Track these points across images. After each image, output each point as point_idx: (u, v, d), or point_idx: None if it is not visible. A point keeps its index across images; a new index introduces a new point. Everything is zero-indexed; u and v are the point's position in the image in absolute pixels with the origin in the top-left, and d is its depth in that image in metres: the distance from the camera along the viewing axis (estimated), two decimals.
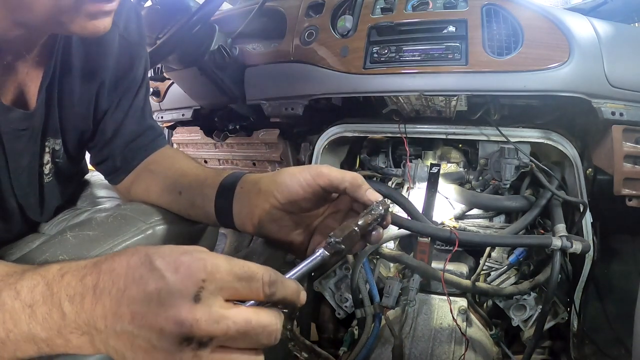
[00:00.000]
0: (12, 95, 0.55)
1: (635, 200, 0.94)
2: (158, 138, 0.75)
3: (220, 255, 0.36)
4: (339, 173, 0.51)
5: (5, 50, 0.52)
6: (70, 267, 0.36)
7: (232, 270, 0.35)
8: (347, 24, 1.05)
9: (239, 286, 0.35)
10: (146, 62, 0.73)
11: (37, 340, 0.35)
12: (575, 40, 0.90)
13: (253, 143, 1.35)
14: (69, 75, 0.61)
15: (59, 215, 0.72)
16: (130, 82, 0.70)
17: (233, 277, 0.35)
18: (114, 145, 0.71)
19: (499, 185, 1.10)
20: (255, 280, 0.36)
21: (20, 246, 0.64)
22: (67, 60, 0.60)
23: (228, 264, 0.35)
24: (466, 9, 0.98)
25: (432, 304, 1.12)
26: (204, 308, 0.33)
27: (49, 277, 0.36)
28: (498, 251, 1.16)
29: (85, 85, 0.64)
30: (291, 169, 0.54)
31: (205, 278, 0.33)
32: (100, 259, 0.36)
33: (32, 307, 0.35)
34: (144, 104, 0.74)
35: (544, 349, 1.11)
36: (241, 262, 0.36)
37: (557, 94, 0.91)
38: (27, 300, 0.35)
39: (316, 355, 1.16)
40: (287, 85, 1.13)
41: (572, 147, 1.03)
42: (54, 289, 0.35)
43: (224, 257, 0.35)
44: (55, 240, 0.63)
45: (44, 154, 0.64)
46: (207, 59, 1.05)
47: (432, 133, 1.15)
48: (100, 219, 0.63)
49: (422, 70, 0.97)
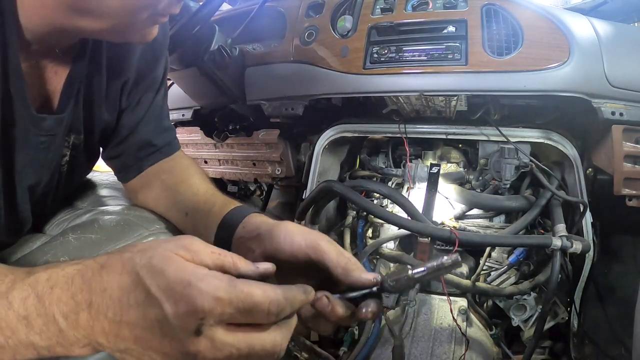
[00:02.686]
0: (39, 97, 0.54)
1: (635, 200, 0.94)
2: (173, 141, 0.74)
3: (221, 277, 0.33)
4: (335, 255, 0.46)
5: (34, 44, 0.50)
6: (58, 279, 0.35)
7: (233, 302, 0.33)
8: (347, 24, 1.05)
9: (240, 317, 0.34)
10: (166, 61, 0.72)
11: (37, 347, 0.35)
12: (575, 40, 0.90)
13: (253, 143, 1.35)
14: (98, 74, 0.60)
15: (59, 215, 0.72)
16: (152, 80, 0.69)
17: (234, 309, 0.33)
18: (129, 142, 0.70)
19: (499, 185, 1.10)
20: (258, 312, 0.34)
21: (21, 246, 0.63)
22: (97, 59, 0.59)
23: (228, 294, 0.33)
24: (466, 9, 0.98)
25: (432, 304, 1.12)
26: (205, 340, 0.33)
27: (38, 289, 0.35)
28: (498, 251, 1.16)
29: (111, 83, 0.63)
30: (292, 227, 0.50)
31: (205, 316, 0.32)
32: (86, 270, 0.35)
33: (28, 319, 0.35)
34: (162, 103, 0.73)
35: (544, 349, 1.11)
36: (244, 289, 0.33)
37: (557, 94, 0.91)
38: (21, 312, 0.35)
39: (316, 355, 1.16)
40: (287, 85, 1.13)
41: (572, 147, 1.03)
42: (46, 302, 0.35)
43: (225, 282, 0.33)
44: (57, 241, 0.63)
45: (63, 148, 0.63)
46: (207, 59, 1.05)
47: (432, 133, 1.15)
48: (102, 222, 0.63)
49: (422, 70, 0.97)
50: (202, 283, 0.32)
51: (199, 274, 0.33)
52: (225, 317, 0.33)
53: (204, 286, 0.32)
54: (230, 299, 0.33)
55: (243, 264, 0.38)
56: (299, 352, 1.19)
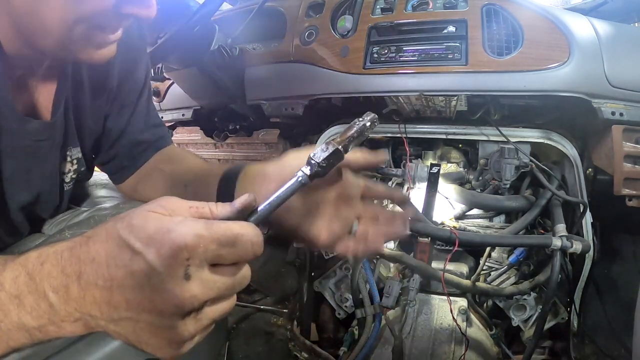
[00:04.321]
0: (25, 108, 0.56)
1: (635, 200, 0.94)
2: (164, 136, 0.76)
3: (198, 220, 0.34)
4: None
5: (17, 66, 0.53)
6: (48, 255, 0.36)
7: (214, 237, 0.33)
8: (347, 24, 1.05)
9: (224, 252, 0.34)
10: (147, 64, 0.75)
11: (28, 328, 0.35)
12: (575, 40, 0.90)
13: (253, 143, 1.35)
14: (80, 89, 0.63)
15: (58, 216, 0.72)
16: (133, 83, 0.71)
17: (217, 245, 0.34)
18: (120, 144, 0.72)
19: (499, 185, 1.10)
20: (241, 243, 0.35)
21: (19, 246, 0.64)
22: (78, 74, 0.62)
23: (208, 231, 0.33)
24: (466, 9, 0.98)
25: (432, 304, 1.13)
26: (196, 283, 0.33)
27: (29, 267, 0.36)
28: (498, 251, 1.16)
29: (95, 96, 0.65)
30: (296, 151, 0.52)
31: (189, 255, 0.32)
32: (74, 244, 0.36)
33: (19, 298, 0.35)
34: (147, 103, 0.75)
35: (544, 349, 1.11)
36: (222, 225, 0.34)
37: (557, 94, 0.91)
38: (13, 291, 0.35)
39: (316, 355, 1.16)
40: (287, 85, 1.13)
41: (572, 147, 1.04)
42: (37, 278, 0.35)
43: (202, 223, 0.34)
44: (54, 239, 0.63)
45: (65, 163, 0.65)
46: (207, 59, 1.05)
47: (432, 133, 1.15)
48: (98, 218, 0.63)
49: (422, 70, 0.97)
50: (181, 226, 0.33)
51: (175, 221, 0.34)
52: (209, 255, 0.33)
53: (182, 228, 0.33)
54: (211, 235, 0.33)
55: (220, 209, 0.38)
56: (299, 352, 1.19)
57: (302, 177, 0.41)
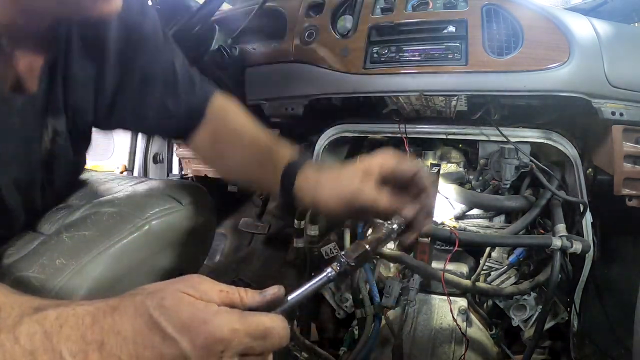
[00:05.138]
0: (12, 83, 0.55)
1: (635, 200, 0.94)
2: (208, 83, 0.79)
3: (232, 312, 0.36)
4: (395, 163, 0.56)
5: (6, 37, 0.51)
6: (68, 317, 0.36)
7: (248, 331, 0.35)
8: (347, 24, 1.05)
9: (255, 345, 0.36)
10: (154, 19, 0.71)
11: None
12: (575, 40, 0.90)
13: None
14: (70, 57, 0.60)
15: (53, 213, 0.71)
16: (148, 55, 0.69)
17: (250, 339, 0.36)
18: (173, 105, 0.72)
19: (499, 185, 1.10)
20: (272, 335, 0.37)
21: (18, 247, 0.63)
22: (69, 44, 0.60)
23: (243, 325, 0.35)
24: (466, 9, 0.98)
25: (432, 304, 1.12)
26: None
27: (46, 326, 0.35)
28: (498, 251, 1.16)
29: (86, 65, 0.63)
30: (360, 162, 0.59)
31: (224, 349, 0.34)
32: (97, 311, 0.36)
33: (34, 355, 0.34)
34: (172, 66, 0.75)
35: (544, 349, 1.11)
36: (254, 319, 0.36)
37: (557, 94, 0.91)
38: (27, 347, 0.35)
39: (316, 355, 1.16)
40: (287, 85, 1.13)
41: (572, 147, 1.03)
42: (54, 340, 0.35)
43: (237, 315, 0.36)
44: (51, 242, 0.63)
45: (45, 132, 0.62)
46: (207, 59, 1.05)
47: (432, 133, 1.15)
48: (95, 217, 0.63)
49: (422, 70, 0.97)
50: (217, 318, 0.35)
51: (211, 311, 0.35)
52: (241, 348, 0.35)
53: (218, 321, 0.34)
54: (245, 329, 0.35)
55: (250, 297, 0.40)
56: (299, 352, 1.19)
57: (331, 274, 0.45)
